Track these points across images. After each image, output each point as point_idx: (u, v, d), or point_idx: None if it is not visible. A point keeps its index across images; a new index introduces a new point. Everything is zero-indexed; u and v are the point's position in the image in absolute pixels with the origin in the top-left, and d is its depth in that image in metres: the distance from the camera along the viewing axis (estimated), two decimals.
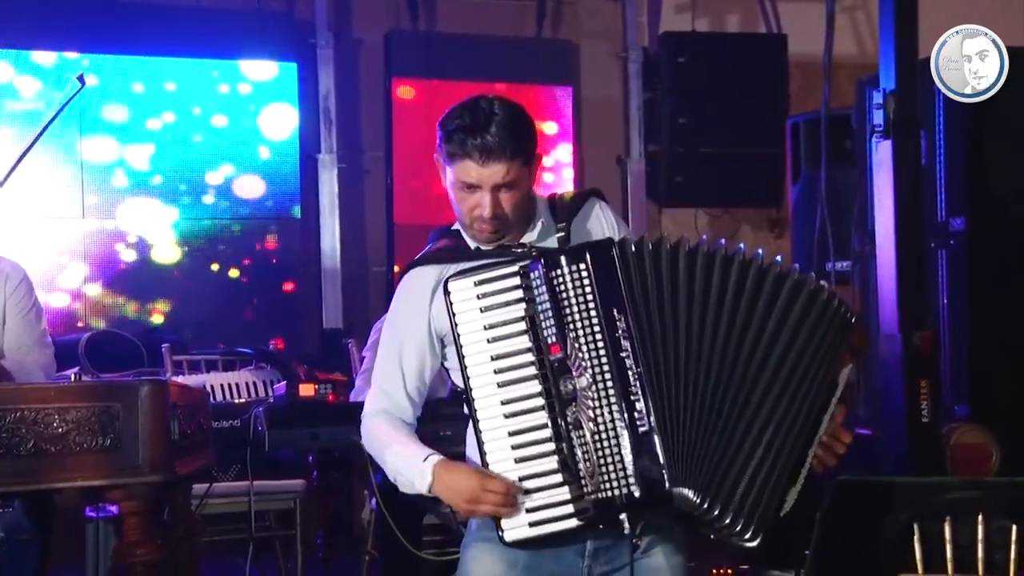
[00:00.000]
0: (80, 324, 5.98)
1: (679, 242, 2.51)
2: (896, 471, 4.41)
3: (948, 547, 3.35)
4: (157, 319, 6.18)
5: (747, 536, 2.44)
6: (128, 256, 6.23)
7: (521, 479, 2.45)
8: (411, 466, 2.55)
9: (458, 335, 2.49)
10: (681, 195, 6.90)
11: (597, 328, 2.44)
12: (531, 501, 2.45)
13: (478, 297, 2.49)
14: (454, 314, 2.49)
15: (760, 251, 2.55)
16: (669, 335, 2.46)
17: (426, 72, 6.68)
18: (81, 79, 3.71)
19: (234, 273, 6.41)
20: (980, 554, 3.35)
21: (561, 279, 2.45)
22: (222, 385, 4.88)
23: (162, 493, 3.71)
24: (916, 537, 3.36)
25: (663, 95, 6.87)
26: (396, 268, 6.52)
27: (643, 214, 6.97)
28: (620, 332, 2.44)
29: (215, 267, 6.38)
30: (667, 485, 2.40)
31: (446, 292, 2.50)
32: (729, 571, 5.35)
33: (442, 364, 2.68)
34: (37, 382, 3.80)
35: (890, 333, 4.45)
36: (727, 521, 2.43)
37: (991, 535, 3.35)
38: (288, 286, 6.51)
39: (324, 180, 6.58)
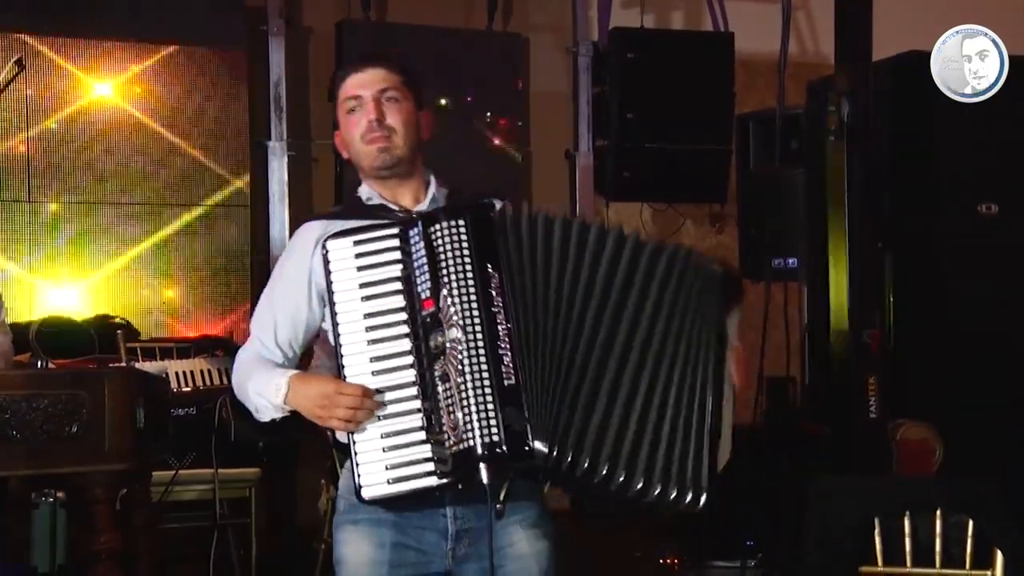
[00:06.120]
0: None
1: (557, 215, 2.56)
2: (844, 466, 4.51)
3: (907, 541, 3.47)
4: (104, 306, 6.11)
5: (684, 498, 2.43)
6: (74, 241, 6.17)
7: (384, 435, 2.46)
8: (268, 383, 2.59)
9: (332, 292, 2.52)
10: (628, 189, 6.95)
11: (471, 282, 2.45)
12: (392, 458, 2.46)
13: (355, 256, 2.53)
14: (330, 272, 2.52)
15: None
16: (539, 294, 2.49)
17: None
18: (20, 63, 3.68)
19: (183, 260, 6.36)
20: (938, 548, 3.47)
21: (438, 234, 2.47)
22: (177, 373, 4.86)
23: (125, 481, 3.72)
24: (876, 532, 3.48)
25: (612, 90, 6.92)
26: None
27: (590, 208, 7.02)
28: (493, 287, 2.45)
29: (164, 254, 6.33)
30: (529, 437, 2.40)
31: (324, 250, 2.54)
32: (675, 561, 5.45)
33: (325, 328, 2.68)
34: (4, 369, 3.77)
35: (840, 331, 4.55)
36: (623, 480, 2.41)
37: (948, 530, 3.47)
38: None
39: (273, 168, 6.54)
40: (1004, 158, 5.21)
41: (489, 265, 2.46)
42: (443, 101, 6.60)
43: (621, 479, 2.42)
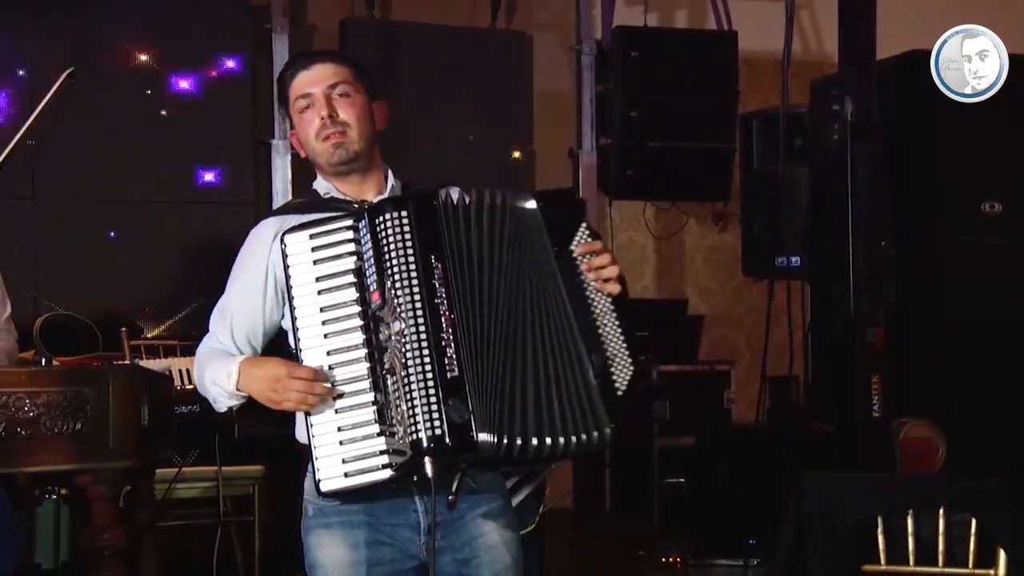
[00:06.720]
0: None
1: (494, 195, 2.56)
2: (848, 465, 4.51)
3: (910, 540, 3.47)
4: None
5: (592, 443, 2.47)
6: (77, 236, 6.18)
7: (340, 428, 2.47)
8: (221, 372, 2.59)
9: (290, 286, 2.52)
10: (632, 188, 6.97)
11: (414, 274, 2.45)
12: (348, 451, 2.46)
13: (312, 250, 2.52)
14: (288, 266, 2.52)
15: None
16: (476, 281, 2.50)
17: (380, 60, 6.68)
18: (73, 74, 3.72)
19: (185, 257, 6.36)
20: (941, 546, 3.47)
21: (383, 226, 2.47)
22: (180, 370, 4.86)
23: (129, 478, 3.72)
24: (880, 530, 3.48)
25: (615, 89, 6.93)
26: None
27: (593, 206, 7.03)
28: (437, 278, 2.45)
29: (166, 250, 6.33)
30: (473, 429, 2.40)
31: (282, 244, 2.53)
32: (678, 559, 5.46)
33: (285, 327, 2.67)
34: (9, 366, 3.77)
35: (844, 329, 4.55)
36: (550, 446, 2.44)
37: (952, 528, 3.48)
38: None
39: (277, 166, 6.54)
40: (1004, 158, 5.22)
41: (433, 255, 2.46)
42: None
43: (548, 446, 2.46)
